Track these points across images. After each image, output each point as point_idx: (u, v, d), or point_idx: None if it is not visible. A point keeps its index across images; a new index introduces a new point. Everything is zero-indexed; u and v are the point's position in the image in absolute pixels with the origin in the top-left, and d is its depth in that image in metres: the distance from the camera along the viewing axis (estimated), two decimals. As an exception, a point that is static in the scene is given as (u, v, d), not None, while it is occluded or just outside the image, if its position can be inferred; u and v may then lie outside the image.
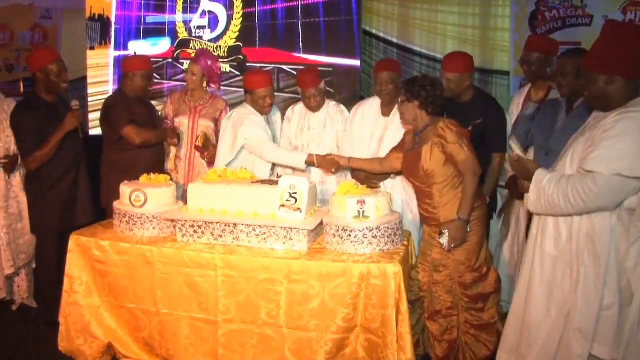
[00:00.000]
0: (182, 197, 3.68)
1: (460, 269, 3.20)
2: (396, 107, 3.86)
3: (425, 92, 3.17)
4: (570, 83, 3.19)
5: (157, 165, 4.12)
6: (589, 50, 2.57)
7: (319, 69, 4.47)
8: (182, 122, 4.31)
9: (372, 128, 3.98)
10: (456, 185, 3.15)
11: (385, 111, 3.97)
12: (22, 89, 7.75)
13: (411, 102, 3.21)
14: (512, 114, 3.87)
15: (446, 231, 3.09)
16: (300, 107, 4.27)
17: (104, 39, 7.74)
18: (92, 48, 7.79)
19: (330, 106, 4.20)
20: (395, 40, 6.23)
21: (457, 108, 3.76)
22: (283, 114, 4.38)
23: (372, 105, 4.05)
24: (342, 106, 4.27)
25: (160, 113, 4.46)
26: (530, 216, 2.91)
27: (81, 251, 3.38)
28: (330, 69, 6.17)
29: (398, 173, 3.73)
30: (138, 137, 3.94)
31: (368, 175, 3.82)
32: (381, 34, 6.29)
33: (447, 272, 3.23)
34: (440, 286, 3.25)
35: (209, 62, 4.37)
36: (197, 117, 4.32)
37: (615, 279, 2.42)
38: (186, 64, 6.10)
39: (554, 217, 2.55)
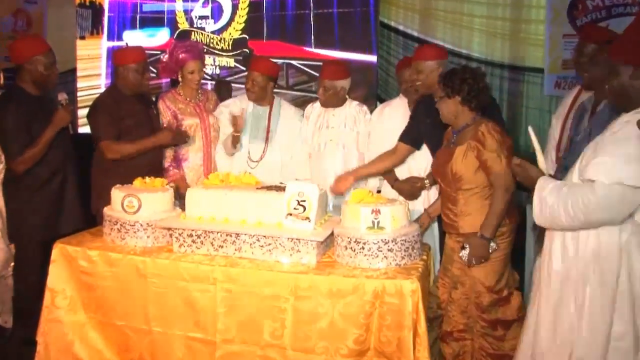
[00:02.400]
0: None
1: (477, 288, 3.19)
2: None
3: (467, 86, 3.14)
4: (593, 74, 3.25)
5: (154, 168, 4.13)
6: (618, 37, 2.50)
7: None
8: (193, 124, 4.32)
9: (400, 130, 4.05)
10: (485, 197, 3.14)
11: None
12: (1, 81, 7.78)
13: (451, 97, 3.19)
14: (559, 117, 3.83)
15: (467, 246, 3.11)
16: (319, 104, 4.37)
17: (95, 28, 7.80)
18: (82, 37, 7.86)
19: (352, 105, 4.30)
20: (415, 33, 6.25)
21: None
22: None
23: (398, 105, 4.13)
24: (365, 107, 4.37)
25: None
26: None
27: (66, 262, 3.38)
28: (344, 65, 6.19)
29: (434, 182, 3.80)
30: (111, 152, 3.95)
31: (413, 187, 3.95)
32: (400, 27, 6.31)
33: (463, 289, 3.22)
34: (455, 305, 3.25)
35: (201, 51, 4.46)
36: (205, 114, 4.37)
37: (627, 305, 2.35)
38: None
39: (561, 231, 2.51)
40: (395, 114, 4.12)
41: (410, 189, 3.97)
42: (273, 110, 4.34)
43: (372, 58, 6.11)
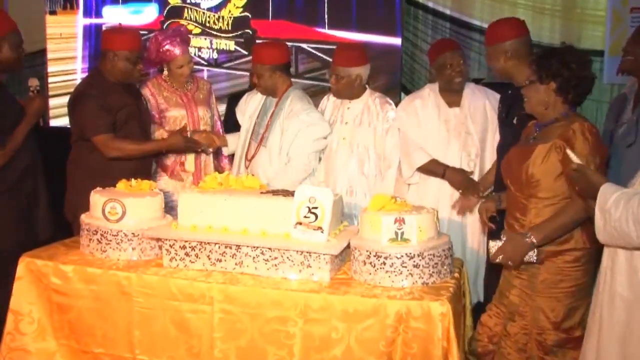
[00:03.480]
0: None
1: (540, 321, 3.14)
2: (465, 93, 4.16)
3: (568, 72, 3.05)
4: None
5: (143, 169, 4.22)
6: None
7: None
8: (178, 116, 4.45)
9: (439, 126, 4.19)
10: None
11: (452, 100, 4.19)
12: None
13: (545, 83, 3.10)
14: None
15: (504, 238, 3.09)
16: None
17: (69, 1, 7.82)
18: (53, 13, 7.86)
19: (371, 97, 4.34)
20: (448, 11, 6.25)
21: None
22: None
23: (429, 96, 4.25)
24: (389, 100, 4.40)
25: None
26: None
27: (34, 278, 3.41)
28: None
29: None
30: (112, 150, 4.02)
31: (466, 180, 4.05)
32: (430, 4, 6.30)
33: (522, 322, 3.18)
34: (511, 341, 3.21)
35: (186, 40, 4.56)
36: (194, 105, 4.46)
37: None
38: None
39: (631, 249, 2.45)
40: (428, 107, 4.20)
41: (464, 180, 4.08)
42: (279, 105, 4.38)
43: (396, 41, 6.10)
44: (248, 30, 6.70)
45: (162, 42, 4.41)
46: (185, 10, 7.02)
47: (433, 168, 4.18)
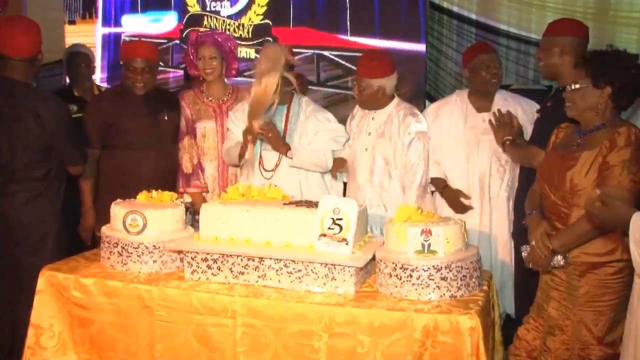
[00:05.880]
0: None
1: (583, 335, 3.11)
2: (496, 98, 4.18)
3: (627, 78, 3.00)
4: None
5: (167, 179, 4.29)
6: None
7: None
8: (207, 128, 4.47)
9: (465, 132, 4.21)
10: None
11: (481, 105, 4.21)
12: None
13: (600, 87, 3.03)
14: None
15: (530, 248, 3.12)
16: None
17: (88, 11, 7.89)
18: (71, 22, 7.94)
19: (397, 108, 4.28)
20: (474, 16, 6.24)
21: None
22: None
23: (455, 103, 4.27)
24: (415, 112, 4.29)
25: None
26: None
27: (55, 292, 3.44)
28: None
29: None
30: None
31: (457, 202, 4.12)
32: (455, 8, 6.30)
33: (563, 337, 3.16)
34: (552, 356, 3.19)
35: (221, 39, 4.54)
36: (226, 118, 4.47)
37: None
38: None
39: None
40: (453, 114, 4.23)
41: (456, 203, 4.16)
42: (292, 110, 4.37)
43: (420, 47, 6.09)
44: (269, 38, 6.71)
45: (195, 36, 4.50)
46: (205, 18, 7.04)
47: (436, 182, 4.30)
